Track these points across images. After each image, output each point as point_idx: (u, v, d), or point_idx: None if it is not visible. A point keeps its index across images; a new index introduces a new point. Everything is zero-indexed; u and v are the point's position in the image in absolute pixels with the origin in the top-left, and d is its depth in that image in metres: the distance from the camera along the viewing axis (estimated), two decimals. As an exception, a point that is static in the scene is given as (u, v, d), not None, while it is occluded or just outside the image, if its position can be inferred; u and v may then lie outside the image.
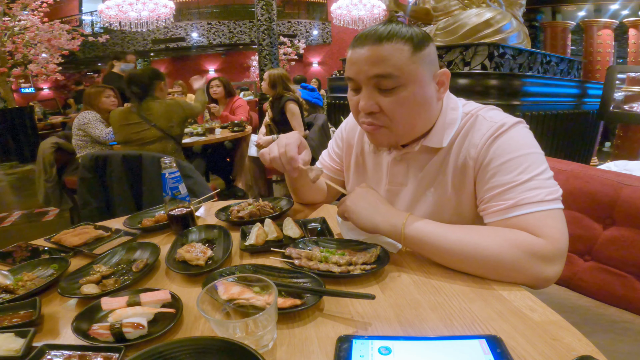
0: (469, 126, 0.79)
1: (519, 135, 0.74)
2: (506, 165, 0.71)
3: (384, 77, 0.72)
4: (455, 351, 0.48)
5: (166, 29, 12.25)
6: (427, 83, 0.75)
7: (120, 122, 2.33)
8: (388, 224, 0.73)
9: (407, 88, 0.73)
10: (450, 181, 0.80)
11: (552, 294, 1.04)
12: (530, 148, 0.73)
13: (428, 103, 0.77)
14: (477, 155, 0.75)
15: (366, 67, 0.73)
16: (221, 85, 3.73)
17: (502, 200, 0.71)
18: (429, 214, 0.83)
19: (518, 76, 3.16)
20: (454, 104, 0.82)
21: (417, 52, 0.73)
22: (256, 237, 0.83)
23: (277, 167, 0.87)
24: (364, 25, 9.47)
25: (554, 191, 0.69)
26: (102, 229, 0.98)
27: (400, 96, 0.74)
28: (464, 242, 0.67)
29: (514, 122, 0.75)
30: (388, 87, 0.73)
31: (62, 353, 0.50)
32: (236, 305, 0.56)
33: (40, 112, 8.36)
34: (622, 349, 0.87)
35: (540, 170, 0.70)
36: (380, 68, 0.72)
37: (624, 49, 5.77)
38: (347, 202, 0.79)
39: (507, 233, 0.67)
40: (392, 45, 0.71)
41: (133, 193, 1.95)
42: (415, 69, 0.73)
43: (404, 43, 0.72)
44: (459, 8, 3.61)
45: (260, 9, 6.19)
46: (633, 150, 4.03)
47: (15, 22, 6.81)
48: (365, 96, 0.76)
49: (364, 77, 0.75)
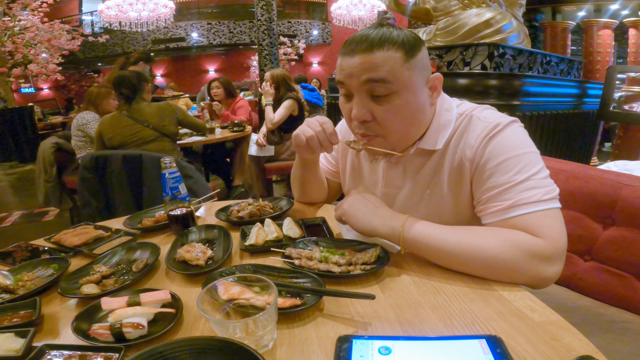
0: (463, 127, 0.78)
1: (514, 134, 0.74)
2: (502, 165, 0.71)
3: (376, 81, 0.71)
4: (455, 351, 0.48)
5: (166, 29, 12.27)
6: (420, 89, 0.74)
7: (113, 127, 2.27)
8: (387, 227, 0.73)
9: (401, 96, 0.72)
10: (447, 183, 0.80)
11: (552, 294, 1.04)
12: (526, 147, 0.73)
13: (421, 110, 0.76)
14: (472, 156, 0.75)
15: (358, 72, 0.72)
16: (221, 86, 3.68)
17: (500, 201, 0.71)
18: (426, 215, 0.83)
19: (518, 76, 3.16)
20: (448, 105, 0.82)
21: (410, 59, 0.71)
22: (256, 237, 0.83)
23: (314, 145, 0.84)
24: (364, 25, 9.47)
25: (551, 190, 0.69)
26: (102, 229, 0.98)
27: (393, 104, 0.73)
28: (463, 243, 0.67)
29: (509, 122, 0.75)
30: (381, 94, 0.72)
31: (62, 353, 0.50)
32: (236, 305, 0.56)
33: (39, 113, 8.36)
34: (622, 349, 0.87)
35: (536, 169, 0.70)
36: (372, 73, 0.71)
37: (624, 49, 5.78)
38: (344, 206, 0.78)
39: (507, 234, 0.67)
40: (383, 52, 0.70)
41: (133, 193, 1.96)
42: (409, 75, 0.72)
43: (395, 50, 0.70)
44: (459, 8, 3.61)
45: (260, 9, 6.20)
46: (633, 150, 4.03)
47: (15, 22, 6.82)
48: (358, 104, 0.74)
49: (356, 84, 0.73)
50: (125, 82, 2.31)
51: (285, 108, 3.00)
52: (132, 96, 2.31)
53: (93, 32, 12.12)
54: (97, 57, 13.14)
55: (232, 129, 3.35)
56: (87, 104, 2.84)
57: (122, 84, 2.31)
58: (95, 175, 1.97)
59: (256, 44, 6.61)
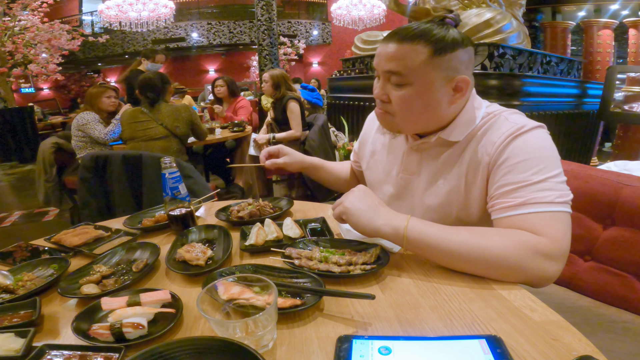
0: (489, 125, 0.80)
1: (538, 137, 0.75)
2: (521, 164, 0.72)
3: (393, 73, 0.78)
4: (455, 351, 0.48)
5: (166, 29, 12.27)
6: (438, 87, 0.77)
7: (129, 120, 2.42)
8: (389, 227, 0.72)
9: (414, 87, 0.77)
10: (463, 176, 0.81)
11: (552, 294, 1.04)
12: (548, 151, 0.73)
13: (433, 105, 0.78)
14: (493, 152, 0.76)
15: (383, 62, 0.79)
16: (225, 84, 3.76)
17: (512, 198, 0.71)
18: (438, 205, 0.84)
19: (518, 76, 3.16)
20: (478, 104, 0.84)
21: (436, 57, 0.74)
22: (256, 237, 0.83)
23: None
24: (364, 25, 9.47)
25: (565, 194, 0.69)
26: (102, 229, 0.98)
27: (407, 93, 0.78)
28: (468, 243, 0.67)
29: (535, 125, 0.76)
30: (396, 83, 0.78)
31: (62, 353, 0.50)
32: (236, 305, 0.56)
33: (39, 113, 8.36)
34: (622, 349, 0.87)
35: (554, 173, 0.71)
36: (391, 65, 0.77)
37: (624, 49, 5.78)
38: (345, 204, 0.77)
39: (510, 234, 0.67)
40: (411, 46, 0.75)
41: (133, 193, 1.95)
42: (427, 71, 0.75)
43: (424, 45, 0.74)
44: (459, 8, 3.62)
45: (260, 9, 6.20)
46: (633, 150, 4.03)
47: (15, 22, 6.82)
48: (379, 86, 0.82)
49: (380, 70, 0.81)
50: (151, 85, 2.41)
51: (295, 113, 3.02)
52: (157, 99, 2.43)
53: (93, 32, 12.12)
54: (97, 57, 13.13)
55: (232, 129, 3.35)
56: (86, 104, 2.85)
57: (147, 87, 2.41)
58: (95, 175, 1.97)
59: (256, 44, 6.61)
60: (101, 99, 2.80)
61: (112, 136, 2.68)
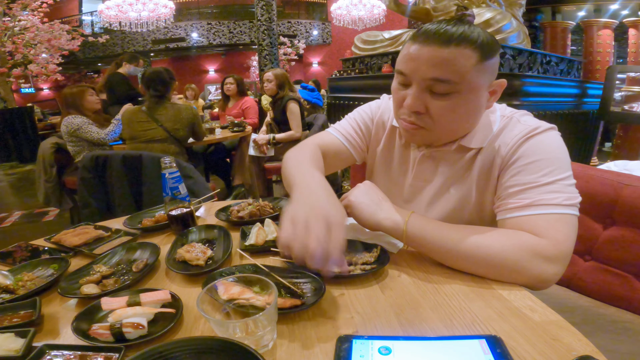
0: (502, 127, 0.79)
1: (551, 139, 0.74)
2: (532, 165, 0.71)
3: (441, 81, 0.69)
4: (455, 351, 0.48)
5: (166, 29, 12.26)
6: (482, 92, 0.73)
7: (129, 119, 2.42)
8: (390, 221, 0.73)
9: (462, 95, 0.71)
10: (476, 180, 0.80)
11: (552, 294, 1.04)
12: (559, 153, 0.72)
13: (476, 111, 0.76)
14: (505, 153, 0.75)
15: (425, 68, 0.70)
16: (235, 82, 3.86)
17: (519, 199, 0.70)
18: (450, 210, 0.83)
19: (518, 76, 3.16)
20: (493, 107, 0.82)
21: (483, 62, 0.70)
22: (256, 237, 0.83)
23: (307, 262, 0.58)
24: (364, 25, 9.47)
25: (573, 197, 0.69)
26: (102, 229, 0.98)
27: (452, 102, 0.71)
28: (467, 241, 0.67)
29: (548, 127, 0.75)
30: (441, 92, 0.71)
31: (62, 353, 0.50)
32: (236, 305, 0.56)
33: (39, 113, 8.36)
34: (622, 349, 0.87)
35: (564, 175, 0.70)
36: (440, 71, 0.69)
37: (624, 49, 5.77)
38: (349, 197, 0.79)
39: (511, 234, 0.67)
40: (459, 50, 0.68)
41: (133, 193, 1.95)
42: (476, 77, 0.70)
43: (472, 50, 0.68)
44: (459, 8, 3.61)
45: (260, 9, 6.20)
46: (633, 150, 4.03)
47: (15, 23, 6.82)
48: (415, 96, 0.72)
49: (419, 77, 0.71)
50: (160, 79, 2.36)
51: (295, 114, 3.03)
52: (164, 94, 2.39)
53: (93, 32, 12.12)
54: (97, 57, 13.12)
55: (232, 129, 3.36)
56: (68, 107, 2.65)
57: (157, 80, 2.36)
58: (95, 175, 1.97)
59: (256, 44, 6.61)
60: (86, 98, 2.66)
61: (113, 136, 2.66)
